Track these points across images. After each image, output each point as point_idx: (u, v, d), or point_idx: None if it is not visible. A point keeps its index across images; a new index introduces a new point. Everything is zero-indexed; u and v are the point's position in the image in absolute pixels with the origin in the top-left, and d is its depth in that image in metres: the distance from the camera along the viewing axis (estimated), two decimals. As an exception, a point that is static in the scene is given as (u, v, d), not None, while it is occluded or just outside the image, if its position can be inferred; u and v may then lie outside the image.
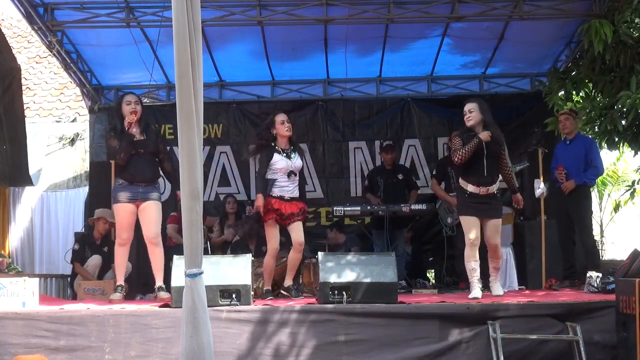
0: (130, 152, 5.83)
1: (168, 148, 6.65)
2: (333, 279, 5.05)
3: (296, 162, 6.06)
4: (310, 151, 9.10)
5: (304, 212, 6.07)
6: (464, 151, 5.60)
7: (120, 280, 5.97)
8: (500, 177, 5.81)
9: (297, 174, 6.07)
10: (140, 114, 5.91)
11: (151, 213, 5.84)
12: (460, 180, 5.79)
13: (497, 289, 5.78)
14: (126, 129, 5.82)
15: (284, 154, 6.02)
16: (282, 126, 6.02)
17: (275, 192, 5.96)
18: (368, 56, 8.75)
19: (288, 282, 6.07)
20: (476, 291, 5.53)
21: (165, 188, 7.26)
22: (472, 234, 5.62)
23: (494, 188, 5.69)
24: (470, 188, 5.67)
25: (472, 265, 5.64)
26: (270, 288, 6.11)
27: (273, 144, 6.05)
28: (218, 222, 8.37)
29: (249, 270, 5.07)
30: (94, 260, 7.43)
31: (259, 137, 6.14)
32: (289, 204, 5.97)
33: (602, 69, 7.36)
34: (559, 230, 7.14)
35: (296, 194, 6.05)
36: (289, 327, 4.67)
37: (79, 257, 7.48)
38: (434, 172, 8.12)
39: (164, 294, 5.67)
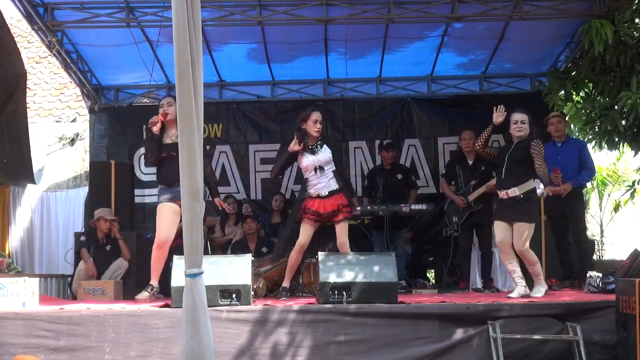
0: (159, 153, 5.81)
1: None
2: (333, 279, 5.05)
3: (321, 156, 5.87)
4: (311, 151, 9.10)
5: (343, 208, 5.83)
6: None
7: (154, 281, 5.83)
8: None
9: (326, 167, 5.86)
10: (175, 116, 5.72)
11: None
12: None
13: (534, 290, 5.70)
14: (151, 128, 5.78)
15: (309, 151, 5.89)
16: (314, 125, 5.88)
17: (312, 192, 5.86)
18: (368, 56, 8.76)
19: None
20: (518, 289, 5.67)
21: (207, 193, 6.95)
22: (496, 237, 5.82)
23: (515, 191, 5.66)
24: (499, 194, 5.85)
25: (508, 267, 5.81)
26: (287, 285, 5.97)
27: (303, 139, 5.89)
28: (219, 223, 8.38)
29: (249, 270, 5.07)
30: (84, 265, 7.47)
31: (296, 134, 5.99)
32: (328, 201, 5.82)
33: (602, 69, 7.36)
34: (555, 232, 7.14)
35: (333, 186, 5.87)
36: (288, 327, 4.67)
37: (86, 246, 7.57)
38: (443, 172, 8.11)
39: None
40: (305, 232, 5.85)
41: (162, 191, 5.92)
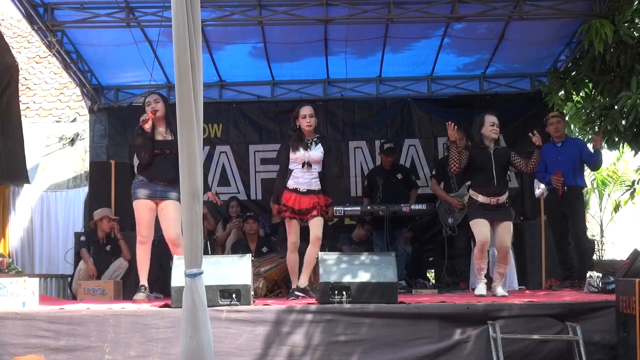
0: (152, 151, 5.74)
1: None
2: (333, 279, 5.04)
3: (313, 153, 5.84)
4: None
5: (319, 207, 5.81)
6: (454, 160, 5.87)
7: (143, 280, 5.81)
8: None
9: (314, 166, 5.83)
10: (164, 113, 5.78)
11: (170, 213, 5.67)
12: (471, 191, 5.91)
13: (499, 291, 5.73)
14: (141, 126, 5.72)
15: (303, 145, 5.84)
16: (304, 120, 5.83)
17: (291, 184, 5.84)
18: (368, 56, 8.76)
19: (304, 281, 5.84)
20: (480, 288, 5.73)
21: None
22: (481, 236, 5.71)
23: (503, 198, 5.77)
24: (481, 198, 5.78)
25: (480, 265, 5.82)
26: (299, 286, 5.89)
27: (298, 135, 5.89)
28: (221, 223, 8.39)
29: (249, 270, 5.06)
30: (84, 265, 7.47)
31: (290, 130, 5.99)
32: (304, 198, 5.81)
33: (602, 69, 7.36)
34: (555, 232, 7.12)
35: (314, 186, 5.84)
36: (289, 327, 4.66)
37: (86, 246, 7.57)
38: (433, 172, 8.11)
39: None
40: (292, 230, 5.87)
41: (140, 184, 5.77)
